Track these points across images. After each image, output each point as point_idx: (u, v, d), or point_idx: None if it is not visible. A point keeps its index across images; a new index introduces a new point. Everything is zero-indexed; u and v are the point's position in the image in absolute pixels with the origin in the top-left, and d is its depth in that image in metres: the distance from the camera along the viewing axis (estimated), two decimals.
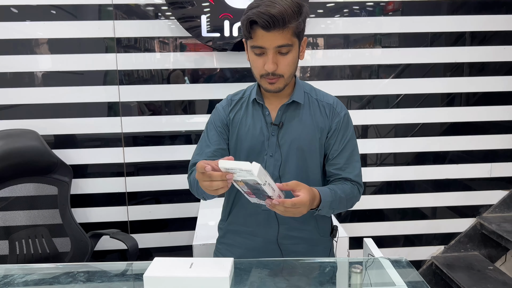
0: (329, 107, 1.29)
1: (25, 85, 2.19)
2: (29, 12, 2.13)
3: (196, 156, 1.34)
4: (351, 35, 2.31)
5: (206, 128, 1.37)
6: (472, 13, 2.33)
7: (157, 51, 2.23)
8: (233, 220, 1.38)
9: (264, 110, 1.28)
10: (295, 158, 1.27)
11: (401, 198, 2.50)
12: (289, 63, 1.16)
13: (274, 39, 1.10)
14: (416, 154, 2.46)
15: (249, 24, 1.11)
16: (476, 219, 2.55)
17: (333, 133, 1.28)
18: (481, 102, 2.43)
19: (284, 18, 1.07)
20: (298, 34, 1.15)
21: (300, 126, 1.27)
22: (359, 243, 2.36)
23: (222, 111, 1.34)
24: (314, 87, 1.36)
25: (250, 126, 1.29)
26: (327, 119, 1.28)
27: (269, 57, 1.13)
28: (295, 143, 1.26)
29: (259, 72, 1.18)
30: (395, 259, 1.22)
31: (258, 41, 1.12)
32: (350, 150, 1.30)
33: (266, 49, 1.13)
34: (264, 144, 1.27)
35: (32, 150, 1.99)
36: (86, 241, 2.03)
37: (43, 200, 2.02)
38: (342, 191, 1.24)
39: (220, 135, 1.32)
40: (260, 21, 1.07)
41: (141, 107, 2.28)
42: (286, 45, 1.12)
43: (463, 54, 2.37)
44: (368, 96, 2.38)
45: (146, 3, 2.17)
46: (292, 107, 1.28)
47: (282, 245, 1.32)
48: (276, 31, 1.09)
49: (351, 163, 1.30)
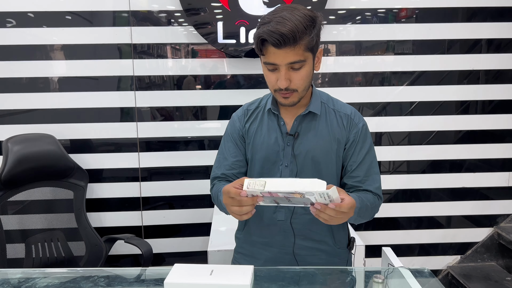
0: (346, 118, 1.27)
1: (41, 90, 2.21)
2: (45, 18, 2.15)
3: (215, 170, 1.35)
4: (364, 41, 2.30)
5: (223, 139, 1.37)
6: (488, 20, 2.31)
7: (170, 57, 2.25)
8: (250, 230, 1.37)
9: (279, 120, 1.27)
10: (310, 169, 1.26)
11: (417, 206, 2.47)
12: (302, 78, 1.15)
13: (286, 56, 1.09)
14: (431, 162, 2.43)
15: (260, 42, 1.10)
16: (493, 228, 2.51)
17: (351, 145, 1.27)
18: (497, 110, 2.40)
19: (295, 36, 1.05)
20: (311, 48, 1.13)
21: (316, 137, 1.25)
22: (374, 251, 2.34)
23: (238, 122, 1.33)
24: (331, 97, 1.34)
25: (265, 136, 1.28)
26: (345, 130, 1.27)
27: (281, 73, 1.12)
28: (310, 153, 1.25)
29: (272, 87, 1.18)
30: (416, 269, 1.20)
31: (270, 58, 1.11)
32: (369, 162, 1.28)
33: (278, 65, 1.12)
34: (279, 154, 1.26)
35: (49, 154, 2.01)
36: (100, 246, 2.03)
37: (59, 204, 2.04)
38: (367, 200, 1.23)
39: (237, 147, 1.32)
40: (271, 39, 1.06)
41: (153, 113, 2.29)
42: (298, 61, 1.11)
43: (479, 62, 2.34)
44: (381, 103, 2.37)
45: (159, 9, 2.19)
46: (308, 118, 1.26)
47: (298, 256, 1.31)
48: (288, 48, 1.07)
49: (370, 175, 1.28)
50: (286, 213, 1.28)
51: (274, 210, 1.29)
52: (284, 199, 0.98)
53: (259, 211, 1.26)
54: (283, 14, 1.07)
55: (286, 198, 0.96)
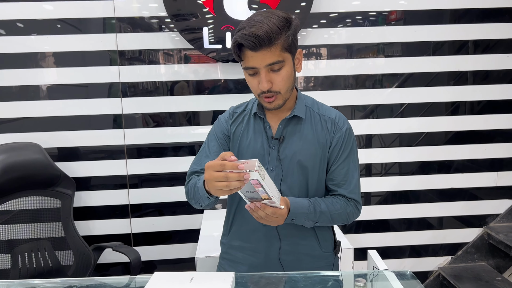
0: (331, 122, 1.28)
1: (30, 99, 2.20)
2: (34, 26, 2.15)
3: (194, 166, 1.34)
4: (354, 44, 2.31)
5: (207, 138, 1.37)
6: (474, 21, 2.32)
7: (161, 63, 2.24)
8: (235, 235, 1.37)
9: (265, 124, 1.28)
10: (295, 173, 1.26)
11: (407, 208, 2.47)
12: (283, 79, 1.15)
13: (264, 58, 1.11)
14: (421, 163, 2.43)
15: (236, 47, 1.13)
16: (483, 228, 2.51)
17: (334, 148, 1.27)
18: (485, 111, 2.41)
19: (269, 36, 1.07)
20: (288, 48, 1.14)
21: (301, 141, 1.26)
22: (364, 254, 2.33)
23: (224, 122, 1.34)
24: (316, 101, 1.34)
25: (251, 140, 1.28)
26: (329, 134, 1.27)
27: (262, 76, 1.13)
28: (296, 157, 1.25)
29: (255, 91, 1.19)
30: (400, 272, 1.20)
31: (248, 62, 1.13)
32: (347, 167, 1.28)
33: (258, 68, 1.13)
34: (264, 158, 1.26)
35: (35, 163, 2.00)
36: (89, 254, 2.02)
37: (46, 213, 2.02)
38: (328, 205, 1.24)
39: (221, 146, 1.32)
40: (246, 43, 1.08)
41: (145, 119, 2.28)
42: (276, 62, 1.12)
43: (466, 63, 2.35)
44: (372, 105, 2.37)
45: (149, 15, 2.18)
46: (293, 121, 1.27)
47: (284, 262, 1.31)
48: (264, 50, 1.09)
49: (348, 179, 1.28)
50: None
51: None
52: (255, 195, 1.02)
53: (245, 216, 1.25)
54: (257, 19, 1.10)
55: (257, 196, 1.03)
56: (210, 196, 1.12)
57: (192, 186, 1.24)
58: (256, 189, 0.99)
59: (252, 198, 1.04)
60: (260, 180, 0.95)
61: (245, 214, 1.25)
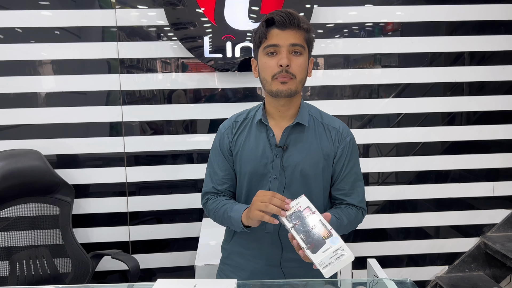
0: (335, 132, 1.29)
1: (29, 106, 2.20)
2: (33, 33, 2.16)
3: (207, 186, 1.36)
4: (352, 55, 2.34)
5: (212, 152, 1.38)
6: (470, 33, 2.36)
7: (160, 71, 2.26)
8: (237, 241, 1.37)
9: (268, 131, 1.27)
10: (298, 182, 1.26)
11: (404, 217, 2.48)
12: (301, 65, 1.19)
13: (288, 37, 1.16)
14: (418, 172, 2.46)
15: (265, 24, 1.17)
16: (480, 238, 2.53)
17: (340, 159, 1.28)
18: (481, 121, 2.44)
19: (299, 18, 1.16)
20: (308, 42, 1.21)
21: (305, 150, 1.26)
22: (362, 263, 2.34)
23: (225, 136, 1.34)
24: (320, 110, 1.36)
25: (253, 148, 1.28)
26: (333, 145, 1.28)
27: (283, 54, 1.16)
28: (299, 166, 1.25)
29: (271, 72, 1.18)
30: (399, 280, 1.21)
31: (272, 39, 1.17)
32: (354, 176, 1.31)
33: (280, 47, 1.16)
34: (267, 166, 1.27)
35: (34, 170, 2.00)
36: (87, 262, 2.01)
37: (45, 220, 2.02)
38: (347, 217, 1.26)
39: (226, 161, 1.33)
40: (278, 17, 1.15)
41: (143, 126, 2.29)
42: (299, 44, 1.17)
43: (462, 74, 2.39)
44: (369, 115, 2.39)
45: (149, 24, 2.21)
46: (297, 130, 1.27)
47: (285, 268, 1.31)
48: (291, 30, 1.16)
49: (355, 188, 1.31)
50: (274, 225, 1.28)
51: (263, 222, 1.29)
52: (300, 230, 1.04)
53: None
54: (285, 9, 1.18)
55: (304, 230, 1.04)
56: (244, 227, 1.21)
57: (219, 212, 1.28)
58: (312, 223, 1.03)
59: (306, 233, 1.03)
60: (311, 208, 1.03)
61: None
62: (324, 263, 0.96)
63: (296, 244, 1.03)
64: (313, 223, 1.02)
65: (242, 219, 1.18)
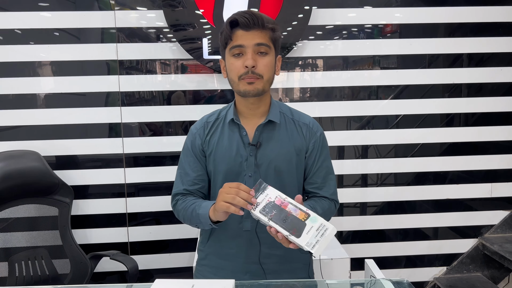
0: (306, 127, 1.32)
1: (28, 107, 2.21)
2: (33, 35, 2.16)
3: (177, 187, 1.35)
4: (350, 56, 2.34)
5: (183, 153, 1.37)
6: (469, 35, 2.36)
7: (159, 72, 2.26)
8: (215, 242, 1.37)
9: (241, 130, 1.29)
10: (273, 179, 1.28)
11: (402, 218, 2.49)
12: (267, 65, 1.19)
13: (253, 37, 1.17)
14: (416, 174, 2.46)
15: (229, 25, 1.18)
16: (478, 239, 2.53)
17: (311, 153, 1.32)
18: (480, 123, 2.44)
19: (262, 18, 1.16)
20: (274, 41, 1.21)
21: (277, 146, 1.29)
22: (361, 264, 2.34)
23: (197, 137, 1.34)
24: (290, 107, 1.38)
25: (227, 148, 1.29)
26: (304, 140, 1.31)
27: (248, 55, 1.17)
28: (273, 163, 1.28)
29: (238, 73, 1.20)
30: (397, 280, 1.21)
31: (237, 40, 1.18)
32: (326, 169, 1.34)
33: (245, 47, 1.17)
34: (242, 165, 1.28)
35: (33, 171, 2.00)
36: (86, 263, 2.01)
37: (44, 221, 2.02)
38: (321, 207, 1.28)
39: (198, 161, 1.33)
40: (241, 19, 1.15)
41: (142, 128, 2.29)
42: (265, 44, 1.18)
43: (461, 75, 2.39)
44: (367, 116, 2.40)
45: (148, 26, 2.21)
46: (269, 127, 1.29)
47: (264, 265, 1.32)
48: (256, 30, 1.16)
49: (327, 181, 1.34)
50: (251, 223, 1.30)
51: (240, 221, 1.30)
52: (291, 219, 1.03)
53: (224, 222, 1.25)
54: (249, 10, 1.20)
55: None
56: (212, 223, 1.18)
57: (188, 211, 1.26)
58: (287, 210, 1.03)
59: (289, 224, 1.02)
60: (281, 195, 1.01)
61: (225, 221, 1.25)
62: (312, 243, 0.98)
63: (280, 235, 1.03)
64: (288, 210, 1.03)
65: (210, 214, 1.17)
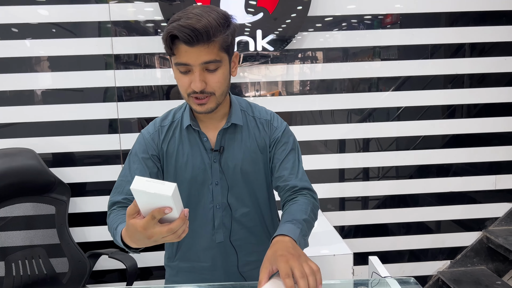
0: (267, 124, 1.23)
1: (25, 103, 2.17)
2: (29, 30, 2.12)
3: (115, 195, 1.17)
4: (350, 48, 2.30)
5: (128, 160, 1.20)
6: (471, 24, 2.32)
7: (157, 67, 2.22)
8: (185, 257, 1.27)
9: (201, 136, 1.18)
10: (241, 182, 1.21)
11: (405, 212, 2.46)
12: (219, 80, 1.05)
13: (199, 55, 0.99)
14: (418, 167, 2.43)
15: (169, 39, 0.99)
16: (482, 232, 2.50)
17: (274, 147, 1.22)
18: (482, 114, 2.40)
19: (208, 32, 0.97)
20: (226, 48, 1.04)
21: (241, 149, 1.20)
22: (364, 259, 2.32)
23: (151, 141, 1.19)
24: (250, 103, 1.27)
25: (189, 155, 1.18)
26: (266, 136, 1.22)
27: (195, 75, 1.02)
28: (239, 166, 1.19)
29: (185, 91, 1.06)
30: (403, 279, 1.17)
31: (181, 57, 1.01)
32: (292, 160, 1.21)
33: (191, 66, 1.01)
34: (207, 173, 1.19)
35: (29, 169, 1.97)
36: (84, 261, 1.99)
37: (41, 220, 1.99)
38: (301, 212, 1.09)
39: (146, 169, 1.16)
40: (181, 35, 0.96)
41: (141, 123, 2.26)
42: (213, 61, 1.01)
43: (463, 66, 2.35)
44: (368, 109, 2.36)
45: (145, 19, 2.17)
46: (230, 129, 1.20)
47: (244, 273, 1.26)
48: (201, 46, 0.98)
49: (295, 172, 1.20)
50: (224, 232, 1.23)
51: (212, 233, 1.23)
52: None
53: (194, 237, 1.19)
54: (195, 11, 0.99)
55: None
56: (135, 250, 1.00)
57: (113, 227, 1.07)
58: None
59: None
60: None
61: (193, 235, 1.18)
62: None
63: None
64: None
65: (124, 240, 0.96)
